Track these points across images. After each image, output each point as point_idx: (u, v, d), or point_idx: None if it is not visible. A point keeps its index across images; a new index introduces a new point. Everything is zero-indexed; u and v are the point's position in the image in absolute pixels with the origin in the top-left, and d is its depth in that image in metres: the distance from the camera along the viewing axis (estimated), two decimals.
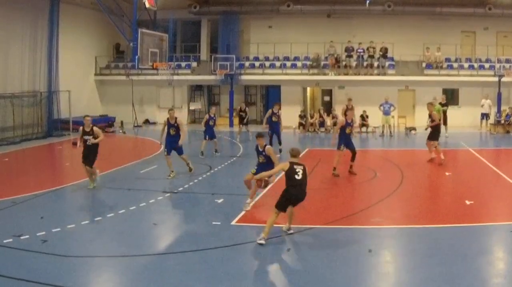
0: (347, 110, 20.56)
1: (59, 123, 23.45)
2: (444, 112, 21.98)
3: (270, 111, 17.64)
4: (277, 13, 27.96)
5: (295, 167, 8.37)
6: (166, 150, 13.48)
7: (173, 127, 13.53)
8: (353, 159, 13.88)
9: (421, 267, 7.16)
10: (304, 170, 8.38)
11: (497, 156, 18.63)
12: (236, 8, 28.12)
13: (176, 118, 13.66)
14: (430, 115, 16.39)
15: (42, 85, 23.01)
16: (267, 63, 28.08)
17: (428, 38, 26.80)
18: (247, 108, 23.47)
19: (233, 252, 7.87)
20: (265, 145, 10.48)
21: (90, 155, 11.97)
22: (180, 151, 13.68)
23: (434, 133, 15.79)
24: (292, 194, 8.35)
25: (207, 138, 17.15)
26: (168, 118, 13.62)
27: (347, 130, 13.73)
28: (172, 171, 13.51)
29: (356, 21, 27.68)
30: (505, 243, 8.29)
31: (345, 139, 13.71)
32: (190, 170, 13.89)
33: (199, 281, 6.76)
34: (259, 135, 10.59)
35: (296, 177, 8.28)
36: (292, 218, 8.69)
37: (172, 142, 13.42)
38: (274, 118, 17.31)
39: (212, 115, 17.51)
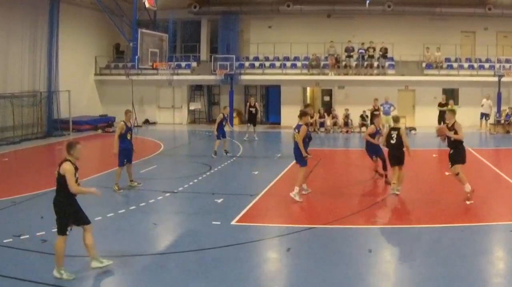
0: (374, 110, 20.08)
1: (59, 123, 23.44)
2: (444, 113, 21.95)
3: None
4: (277, 13, 27.95)
5: (391, 132, 11.03)
6: (121, 160, 11.88)
7: (130, 131, 12.05)
8: (384, 167, 12.47)
9: (421, 267, 7.16)
10: (398, 134, 10.90)
11: (497, 156, 18.64)
12: (236, 8, 28.11)
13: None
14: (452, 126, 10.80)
15: (42, 85, 23.00)
16: (267, 63, 28.07)
17: (428, 38, 26.80)
18: (257, 103, 21.86)
19: (233, 252, 7.86)
20: None
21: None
22: (131, 159, 12.21)
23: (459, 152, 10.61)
24: (390, 155, 11.17)
25: (220, 138, 16.80)
26: (124, 121, 12.00)
27: (376, 139, 12.55)
28: (117, 184, 11.92)
29: (356, 21, 27.68)
30: (505, 243, 8.30)
31: (373, 147, 12.72)
32: (136, 185, 12.25)
33: (199, 281, 6.76)
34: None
35: (391, 141, 10.92)
36: (400, 179, 11.14)
37: (129, 149, 11.99)
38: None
39: (226, 116, 17.28)
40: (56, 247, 6.72)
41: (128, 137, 12.03)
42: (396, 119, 11.60)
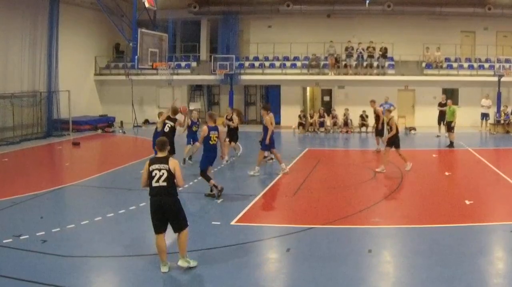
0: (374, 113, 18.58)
1: (58, 123, 23.44)
2: (444, 113, 21.96)
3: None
4: (277, 13, 27.94)
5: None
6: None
7: (215, 131, 11.69)
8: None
9: (421, 267, 7.16)
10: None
11: (497, 156, 18.64)
12: (236, 8, 28.10)
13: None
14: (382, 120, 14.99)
15: (42, 85, 22.99)
16: (267, 63, 28.07)
17: (428, 38, 26.79)
18: (234, 115, 17.09)
19: (233, 252, 7.86)
20: None
21: None
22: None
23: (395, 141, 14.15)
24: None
25: (191, 142, 15.53)
26: (207, 124, 11.55)
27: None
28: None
29: (356, 21, 27.67)
30: (505, 243, 8.29)
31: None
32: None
33: (199, 281, 6.76)
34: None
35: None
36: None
37: (214, 154, 11.59)
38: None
39: (195, 121, 15.73)
40: (184, 239, 7.02)
41: (212, 142, 11.24)
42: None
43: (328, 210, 10.35)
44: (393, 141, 14.09)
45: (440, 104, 22.15)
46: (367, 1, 24.63)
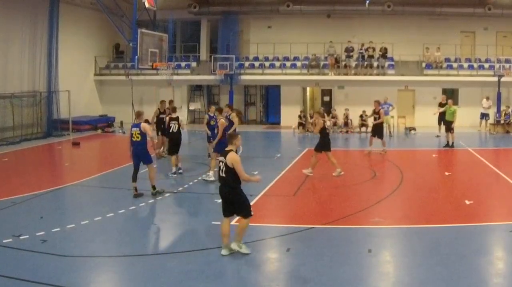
0: (375, 113, 17.83)
1: (58, 123, 23.44)
2: (444, 113, 21.95)
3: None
4: (277, 13, 27.95)
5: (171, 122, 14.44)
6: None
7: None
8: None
9: (421, 267, 7.16)
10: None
11: (497, 156, 18.64)
12: (235, 8, 28.11)
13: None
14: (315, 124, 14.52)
15: (42, 85, 22.99)
16: (267, 63, 28.08)
17: (427, 38, 26.82)
18: (234, 114, 15.45)
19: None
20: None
21: None
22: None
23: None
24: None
25: (211, 141, 14.63)
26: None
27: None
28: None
29: (356, 21, 27.69)
30: (505, 243, 8.30)
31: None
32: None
33: (199, 281, 6.76)
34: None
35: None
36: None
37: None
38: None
39: (212, 115, 15.18)
40: (242, 225, 7.68)
41: (134, 138, 11.58)
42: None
43: (328, 210, 10.35)
44: (323, 145, 13.69)
45: (441, 105, 22.14)
46: (367, 1, 24.63)
